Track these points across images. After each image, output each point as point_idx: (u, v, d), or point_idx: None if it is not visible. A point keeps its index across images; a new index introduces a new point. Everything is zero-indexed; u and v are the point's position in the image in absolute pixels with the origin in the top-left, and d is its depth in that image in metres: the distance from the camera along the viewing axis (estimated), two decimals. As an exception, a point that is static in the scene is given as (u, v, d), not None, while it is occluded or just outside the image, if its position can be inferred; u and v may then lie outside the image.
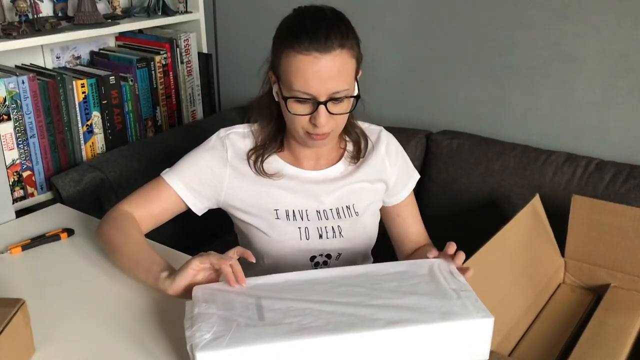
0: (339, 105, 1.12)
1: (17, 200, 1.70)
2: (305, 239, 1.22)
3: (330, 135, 1.15)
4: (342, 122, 1.16)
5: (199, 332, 0.82)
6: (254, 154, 1.23)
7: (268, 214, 1.22)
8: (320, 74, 1.07)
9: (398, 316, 0.85)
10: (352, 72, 1.12)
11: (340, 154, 1.27)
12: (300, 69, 1.08)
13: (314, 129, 1.12)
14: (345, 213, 1.25)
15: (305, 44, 1.06)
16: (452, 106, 1.86)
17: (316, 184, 1.24)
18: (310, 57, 1.07)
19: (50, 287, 1.14)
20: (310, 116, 1.11)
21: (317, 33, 1.07)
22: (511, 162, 1.63)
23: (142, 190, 1.24)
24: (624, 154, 1.60)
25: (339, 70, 1.08)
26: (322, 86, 1.08)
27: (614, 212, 1.38)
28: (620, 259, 1.41)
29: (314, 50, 1.06)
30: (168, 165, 1.26)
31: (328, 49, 1.06)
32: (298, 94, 1.09)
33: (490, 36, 1.72)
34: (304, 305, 0.88)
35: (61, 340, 0.98)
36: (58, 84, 1.74)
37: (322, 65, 1.07)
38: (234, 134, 1.25)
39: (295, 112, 1.12)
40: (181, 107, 2.15)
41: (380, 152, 1.29)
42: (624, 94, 1.58)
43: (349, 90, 1.11)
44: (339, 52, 1.08)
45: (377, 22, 1.90)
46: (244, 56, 2.21)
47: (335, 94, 1.09)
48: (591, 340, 1.24)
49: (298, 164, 1.25)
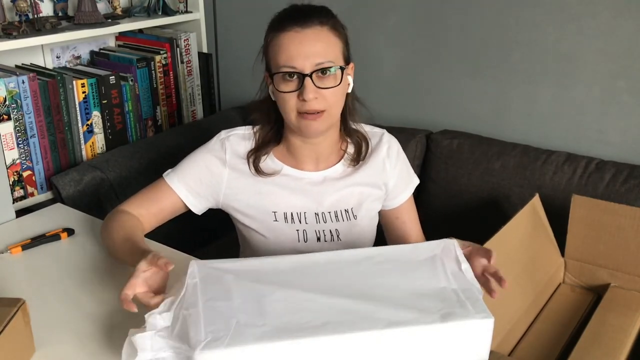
0: (326, 78, 1.12)
1: (17, 200, 1.70)
2: (304, 241, 1.22)
3: (324, 117, 1.14)
4: (335, 102, 1.15)
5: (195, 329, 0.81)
6: (254, 154, 1.24)
7: (266, 215, 1.22)
8: (302, 47, 1.10)
9: (397, 316, 0.84)
10: (336, 49, 1.14)
11: (340, 155, 1.27)
12: (282, 45, 1.12)
13: (303, 106, 1.12)
14: (343, 216, 1.25)
15: (286, 22, 1.12)
16: (452, 106, 1.86)
17: (315, 185, 1.24)
18: (291, 32, 1.11)
19: (50, 287, 1.14)
20: (298, 92, 1.12)
21: (296, 12, 1.13)
22: (511, 162, 1.63)
23: (143, 191, 1.26)
24: (624, 154, 1.60)
25: (321, 42, 1.12)
26: (305, 58, 1.10)
27: (614, 212, 1.39)
28: (620, 259, 1.41)
29: (294, 25, 1.11)
30: (168, 164, 1.26)
31: (308, 24, 1.11)
32: (283, 69, 1.12)
33: (491, 36, 1.72)
34: (304, 298, 0.87)
35: (61, 340, 0.98)
36: (58, 83, 1.74)
37: (302, 38, 1.11)
38: (234, 135, 1.25)
39: (283, 90, 1.13)
40: (181, 106, 2.15)
41: (380, 155, 1.28)
42: (624, 94, 1.58)
43: (334, 63, 1.12)
44: (319, 27, 1.12)
45: (377, 22, 1.90)
46: (244, 56, 2.21)
47: (319, 65, 1.10)
48: (591, 340, 1.24)
49: (297, 165, 1.25)
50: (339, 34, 1.15)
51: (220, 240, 1.84)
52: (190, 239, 1.69)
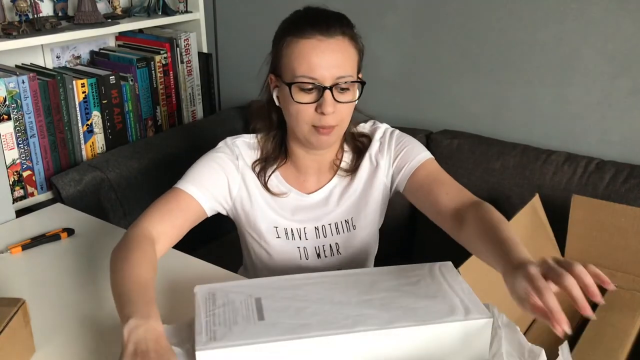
0: (345, 93, 1.07)
1: (17, 200, 1.70)
2: (305, 258, 1.21)
3: (335, 131, 1.10)
4: (346, 116, 1.11)
5: (198, 331, 0.82)
6: (258, 166, 1.20)
7: (269, 231, 1.20)
8: (325, 57, 1.04)
9: (397, 316, 0.85)
10: (355, 61, 1.09)
11: (335, 170, 1.22)
12: (303, 53, 1.05)
13: (320, 120, 1.07)
14: (343, 227, 1.22)
15: (307, 29, 1.05)
16: (453, 106, 1.86)
17: (318, 206, 1.21)
18: (313, 40, 1.04)
19: (50, 287, 1.14)
20: (316, 104, 1.06)
21: (318, 19, 1.06)
22: (511, 162, 1.63)
23: (159, 204, 1.12)
24: (624, 154, 1.60)
25: (342, 54, 1.06)
26: (327, 70, 1.04)
27: (614, 212, 1.39)
28: (620, 259, 1.41)
29: (317, 33, 1.04)
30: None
31: (331, 33, 1.05)
32: (302, 79, 1.05)
33: (491, 36, 1.72)
34: (304, 305, 0.88)
35: (61, 340, 0.98)
36: (58, 83, 1.74)
37: (325, 48, 1.04)
38: (241, 142, 1.20)
39: (299, 101, 1.06)
40: (181, 106, 2.15)
41: (371, 154, 1.22)
42: (624, 94, 1.58)
43: (353, 77, 1.08)
44: (341, 38, 1.06)
45: (377, 22, 1.90)
46: (244, 56, 2.21)
47: (340, 79, 1.05)
48: (591, 340, 1.24)
49: (300, 181, 1.21)
50: (357, 45, 1.10)
51: (220, 240, 1.84)
52: (190, 239, 1.69)
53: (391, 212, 1.32)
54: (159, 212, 1.10)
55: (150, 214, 1.10)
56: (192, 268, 1.20)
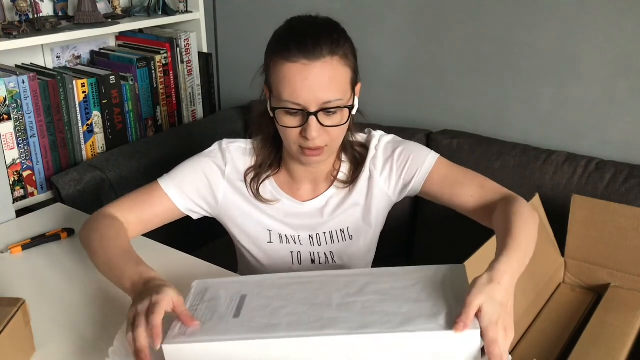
0: (332, 117, 1.04)
1: (17, 199, 1.70)
2: (298, 263, 1.20)
3: (325, 151, 1.08)
4: (338, 136, 1.08)
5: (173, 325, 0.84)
6: (251, 173, 1.19)
7: (260, 235, 1.20)
8: (309, 82, 1.00)
9: (371, 322, 0.80)
10: (345, 81, 1.04)
11: (331, 181, 1.20)
12: (287, 78, 1.01)
13: (305, 142, 1.05)
14: (339, 237, 1.21)
15: (293, 51, 1.00)
16: (452, 106, 1.86)
17: (312, 216, 1.20)
18: (297, 65, 1.00)
19: (50, 287, 1.14)
20: (301, 129, 1.04)
21: (305, 39, 1.01)
22: (511, 162, 1.63)
23: (133, 195, 1.17)
24: (624, 154, 1.60)
25: (329, 78, 1.01)
26: (311, 95, 1.01)
27: (614, 212, 1.39)
28: (620, 259, 1.41)
29: (302, 57, 1.00)
30: (168, 164, 1.25)
31: (317, 55, 1.00)
32: (287, 104, 1.02)
33: (491, 36, 1.72)
34: (282, 304, 0.86)
35: (61, 340, 0.99)
36: (58, 83, 1.74)
37: (310, 73, 1.00)
38: (235, 147, 1.19)
39: (285, 125, 1.05)
40: (181, 106, 2.15)
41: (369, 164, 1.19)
42: (624, 94, 1.58)
43: (342, 100, 1.03)
44: (329, 59, 1.01)
45: (377, 22, 1.89)
46: (244, 56, 2.21)
47: (326, 104, 1.02)
48: (591, 340, 1.24)
49: (294, 190, 1.20)
50: (349, 62, 1.05)
51: (220, 240, 1.84)
52: (189, 238, 1.69)
53: (391, 212, 1.31)
54: (130, 202, 1.16)
55: (122, 201, 1.16)
56: (192, 268, 1.20)
